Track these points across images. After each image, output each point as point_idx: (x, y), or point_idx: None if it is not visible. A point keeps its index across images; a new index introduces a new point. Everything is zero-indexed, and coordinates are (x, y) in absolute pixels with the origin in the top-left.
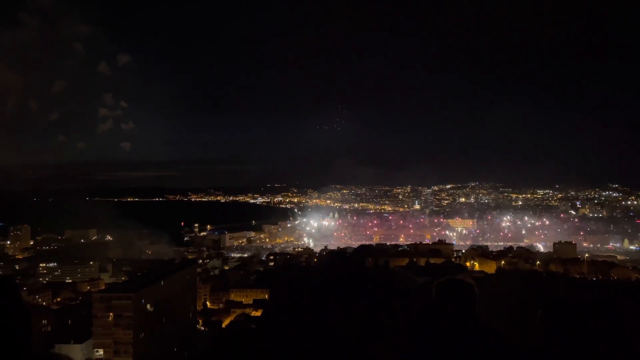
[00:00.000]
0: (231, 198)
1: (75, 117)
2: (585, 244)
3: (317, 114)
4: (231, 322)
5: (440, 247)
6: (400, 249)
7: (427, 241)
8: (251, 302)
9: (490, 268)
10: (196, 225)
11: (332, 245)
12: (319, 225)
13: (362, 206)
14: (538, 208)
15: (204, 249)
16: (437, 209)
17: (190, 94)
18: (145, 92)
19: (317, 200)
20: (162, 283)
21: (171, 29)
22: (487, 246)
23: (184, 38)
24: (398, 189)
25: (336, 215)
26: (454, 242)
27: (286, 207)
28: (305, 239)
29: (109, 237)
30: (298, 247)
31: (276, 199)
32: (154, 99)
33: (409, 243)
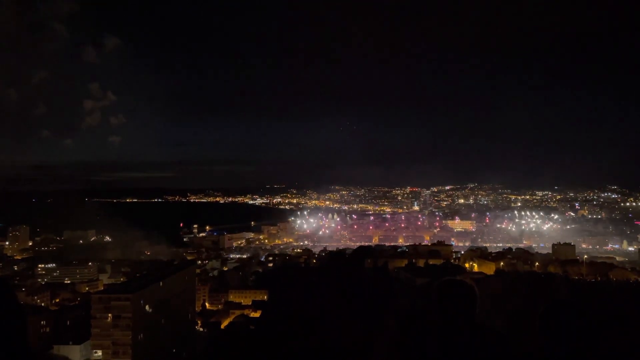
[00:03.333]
0: (230, 199)
1: (62, 111)
2: (584, 245)
3: (316, 114)
4: (230, 323)
5: (439, 249)
6: (399, 250)
7: (426, 242)
8: (250, 303)
9: (489, 269)
10: (195, 226)
11: (331, 246)
12: (318, 226)
13: (361, 207)
14: (537, 209)
15: (203, 249)
16: (436, 210)
17: (189, 94)
18: (143, 92)
19: (316, 202)
20: (161, 284)
21: (169, 28)
22: (486, 247)
23: (183, 38)
24: (397, 190)
25: (335, 216)
26: (452, 244)
27: (285, 208)
28: (304, 240)
29: (107, 238)
30: (297, 248)
31: (275, 200)
32: (152, 99)
33: (408, 244)
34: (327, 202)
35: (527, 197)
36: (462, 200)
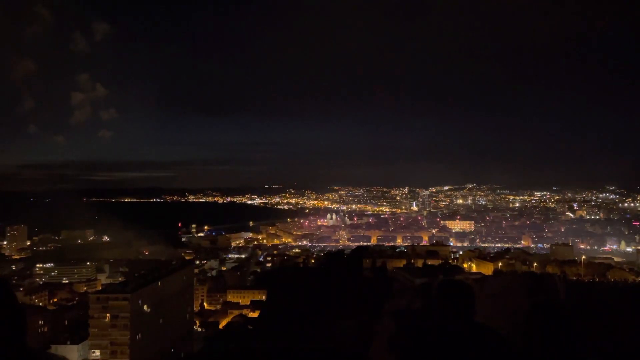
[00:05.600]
0: (229, 199)
1: (51, 105)
2: (582, 246)
3: (315, 115)
4: (228, 323)
5: (438, 249)
6: (397, 250)
7: (424, 243)
8: (248, 303)
9: (488, 270)
10: (193, 225)
11: (330, 247)
12: (316, 227)
13: (359, 207)
14: (535, 210)
15: (201, 249)
16: (435, 210)
17: (187, 94)
18: (139, 89)
19: (315, 202)
20: (159, 284)
21: (166, 28)
22: (484, 248)
23: (180, 34)
24: (395, 190)
25: (334, 216)
26: (451, 244)
27: (284, 208)
28: (303, 240)
29: (105, 238)
30: (295, 248)
31: (274, 200)
32: (150, 99)
33: (406, 244)
34: (326, 202)
35: (526, 197)
36: (460, 201)
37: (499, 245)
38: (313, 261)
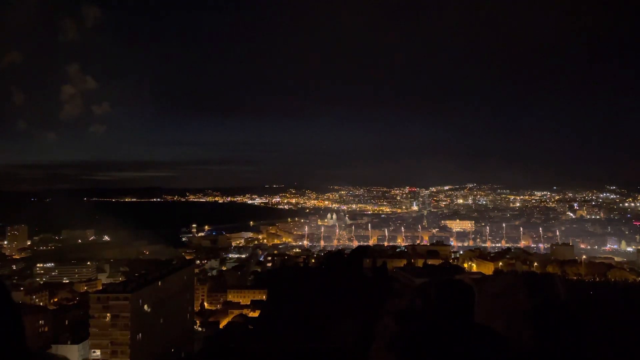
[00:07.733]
0: (229, 199)
1: (42, 100)
2: (582, 246)
3: (315, 114)
4: (229, 323)
5: (438, 249)
6: (398, 250)
7: (424, 242)
8: (249, 303)
9: (488, 269)
10: (194, 225)
11: (330, 246)
12: (316, 226)
13: (360, 207)
14: (536, 209)
15: (202, 249)
16: (435, 210)
17: (187, 93)
18: (141, 93)
19: (316, 201)
20: (159, 283)
21: (165, 28)
22: (484, 247)
23: (180, 38)
24: (396, 190)
25: (334, 216)
26: (451, 244)
27: (284, 208)
28: (303, 240)
29: (106, 238)
30: (296, 248)
31: (274, 200)
32: (150, 100)
33: (406, 244)
34: (326, 202)
35: (526, 197)
36: (461, 201)
37: (499, 245)
38: (313, 261)
